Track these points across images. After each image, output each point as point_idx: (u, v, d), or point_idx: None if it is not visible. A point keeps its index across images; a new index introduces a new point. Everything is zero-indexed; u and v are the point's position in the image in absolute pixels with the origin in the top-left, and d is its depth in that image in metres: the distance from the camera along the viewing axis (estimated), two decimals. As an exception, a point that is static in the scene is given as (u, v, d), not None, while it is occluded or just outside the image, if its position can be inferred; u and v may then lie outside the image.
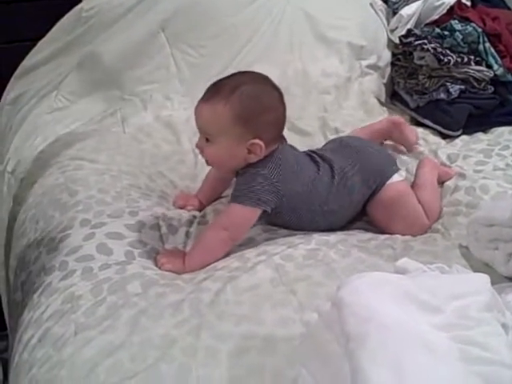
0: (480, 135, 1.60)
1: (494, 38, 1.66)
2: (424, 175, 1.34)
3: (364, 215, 1.30)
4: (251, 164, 1.16)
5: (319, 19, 1.85)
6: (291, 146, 1.27)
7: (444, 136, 1.62)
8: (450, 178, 1.37)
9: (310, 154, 1.28)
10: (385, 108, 1.75)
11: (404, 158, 1.49)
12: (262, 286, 1.03)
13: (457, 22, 1.66)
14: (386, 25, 1.93)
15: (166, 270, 1.12)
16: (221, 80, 1.18)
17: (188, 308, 0.98)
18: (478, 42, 1.62)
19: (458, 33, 1.61)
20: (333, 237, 1.20)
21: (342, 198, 1.23)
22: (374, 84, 1.80)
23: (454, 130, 1.60)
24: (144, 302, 1.00)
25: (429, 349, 0.64)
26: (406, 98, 1.72)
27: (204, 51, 1.77)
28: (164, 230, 1.25)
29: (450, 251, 1.15)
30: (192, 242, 1.23)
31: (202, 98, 1.16)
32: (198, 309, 0.98)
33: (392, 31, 1.90)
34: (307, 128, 1.64)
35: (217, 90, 1.15)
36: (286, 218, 1.22)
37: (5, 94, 1.87)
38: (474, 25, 1.63)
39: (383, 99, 1.80)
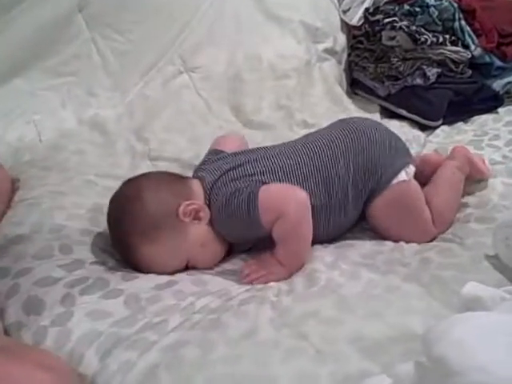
0: (461, 125, 1.42)
1: (468, 14, 1.47)
2: (442, 172, 1.11)
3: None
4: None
5: (268, -3, 1.59)
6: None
7: (422, 127, 1.42)
8: (484, 177, 1.15)
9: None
10: (350, 99, 1.53)
11: None
12: (261, 329, 0.77)
13: (430, -5, 1.44)
14: (338, 5, 1.70)
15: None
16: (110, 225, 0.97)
17: (166, 374, 0.69)
18: (453, 19, 1.43)
19: (433, 8, 1.40)
20: (327, 252, 0.99)
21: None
22: (334, 70, 1.57)
23: (434, 120, 1.40)
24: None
25: None
26: (374, 85, 1.49)
27: (133, 36, 1.43)
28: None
29: (478, 263, 0.93)
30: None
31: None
32: (179, 374, 0.69)
33: (344, 12, 1.68)
34: (268, 120, 1.38)
35: (120, 240, 0.96)
36: None
37: None
38: (449, -2, 1.43)
39: (344, 88, 1.57)
